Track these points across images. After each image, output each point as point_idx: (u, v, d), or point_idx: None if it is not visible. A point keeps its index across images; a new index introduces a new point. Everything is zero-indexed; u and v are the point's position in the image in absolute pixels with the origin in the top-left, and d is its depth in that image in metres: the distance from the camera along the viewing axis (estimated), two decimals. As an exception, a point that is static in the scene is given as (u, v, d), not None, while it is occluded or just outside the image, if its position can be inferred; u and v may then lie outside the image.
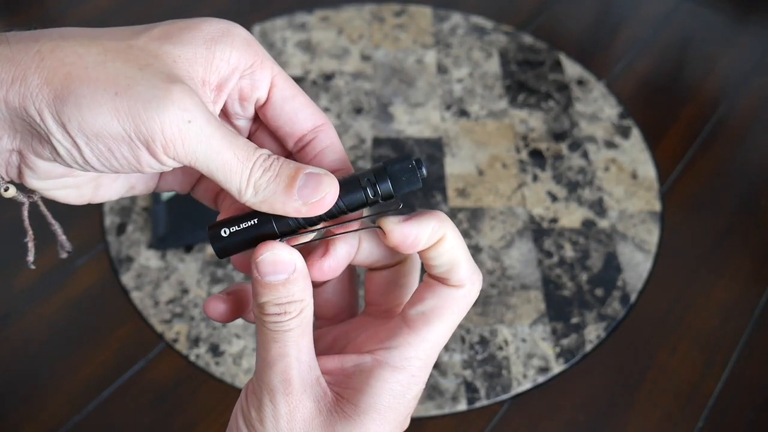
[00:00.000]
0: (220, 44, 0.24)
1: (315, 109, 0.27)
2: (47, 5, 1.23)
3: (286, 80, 0.26)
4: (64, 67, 0.21)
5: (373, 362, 0.25)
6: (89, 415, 0.74)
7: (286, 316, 0.24)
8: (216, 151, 0.22)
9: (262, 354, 0.24)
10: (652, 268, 0.87)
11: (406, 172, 0.25)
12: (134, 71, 0.21)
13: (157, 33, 0.23)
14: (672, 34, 1.20)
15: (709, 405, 0.76)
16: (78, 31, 0.23)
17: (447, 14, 1.22)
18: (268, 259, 0.24)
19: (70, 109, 0.21)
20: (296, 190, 0.23)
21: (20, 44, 0.21)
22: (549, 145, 1.01)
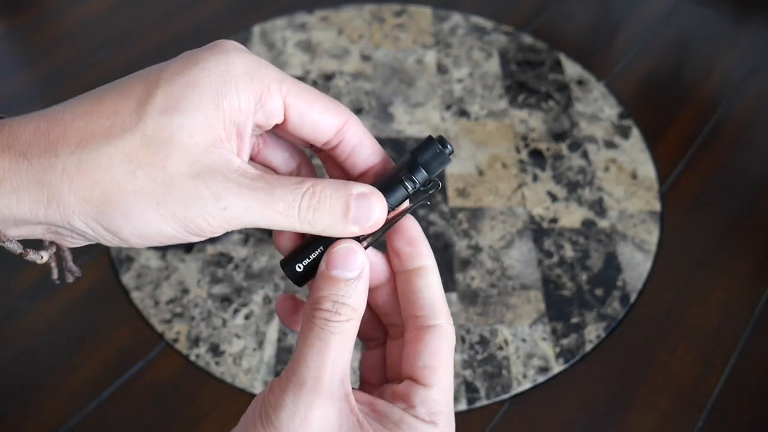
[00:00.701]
0: (226, 97, 0.24)
1: (335, 110, 0.27)
2: (47, 5, 1.23)
3: (298, 94, 0.26)
4: (97, 186, 0.22)
5: (402, 415, 0.25)
6: (89, 415, 0.74)
7: (336, 316, 0.24)
8: (259, 215, 0.23)
9: (302, 348, 0.24)
10: (652, 268, 0.87)
11: (435, 155, 0.27)
12: (162, 175, 0.22)
13: (161, 104, 0.23)
14: (672, 34, 1.20)
15: (709, 405, 0.76)
16: (89, 126, 0.22)
17: (447, 14, 1.22)
18: (341, 253, 0.25)
19: (119, 221, 0.22)
20: (351, 220, 0.25)
21: (41, 160, 0.22)
22: (549, 145, 1.01)
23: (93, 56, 1.13)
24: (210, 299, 0.83)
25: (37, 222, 0.22)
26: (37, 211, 0.22)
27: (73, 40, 1.17)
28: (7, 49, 1.17)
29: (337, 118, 0.27)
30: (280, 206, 0.24)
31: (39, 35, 1.18)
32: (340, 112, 0.27)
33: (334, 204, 0.24)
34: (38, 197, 0.22)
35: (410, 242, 0.27)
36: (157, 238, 0.23)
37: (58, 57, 1.13)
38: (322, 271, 0.25)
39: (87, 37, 1.17)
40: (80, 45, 1.15)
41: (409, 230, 0.27)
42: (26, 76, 1.12)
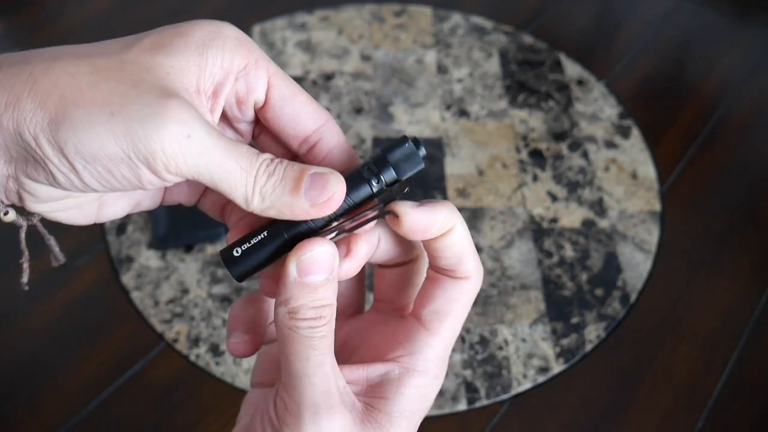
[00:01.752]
0: (211, 48, 0.23)
1: (316, 107, 0.26)
2: (47, 5, 1.23)
3: (284, 79, 0.25)
4: (57, 90, 0.21)
5: (401, 371, 0.24)
6: (89, 415, 0.74)
7: (321, 321, 0.23)
8: (218, 163, 0.22)
9: (297, 365, 0.23)
10: (652, 268, 0.87)
11: (407, 154, 0.25)
12: (128, 88, 0.21)
13: (147, 43, 0.22)
14: (672, 34, 1.20)
15: (709, 405, 0.76)
16: (69, 49, 0.22)
17: (447, 14, 1.22)
18: (313, 258, 0.23)
19: (66, 132, 0.20)
20: (303, 192, 0.23)
21: (12, 68, 0.21)
22: (549, 145, 1.01)
23: (93, 56, 1.13)
24: (210, 299, 0.83)
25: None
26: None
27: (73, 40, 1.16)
28: (7, 49, 1.17)
29: (319, 115, 0.26)
30: (243, 161, 0.22)
31: (39, 35, 1.18)
32: (323, 112, 0.26)
33: (288, 175, 0.23)
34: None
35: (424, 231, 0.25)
36: (103, 161, 0.21)
37: (58, 57, 1.13)
38: (293, 280, 0.23)
39: (87, 37, 1.17)
40: (80, 45, 1.15)
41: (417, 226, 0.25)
42: (26, 76, 1.12)
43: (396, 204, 0.25)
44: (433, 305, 0.25)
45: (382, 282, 0.28)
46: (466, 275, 0.25)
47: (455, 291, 0.25)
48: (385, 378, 0.24)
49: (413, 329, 0.25)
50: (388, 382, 0.24)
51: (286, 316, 0.23)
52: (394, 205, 0.25)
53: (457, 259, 0.25)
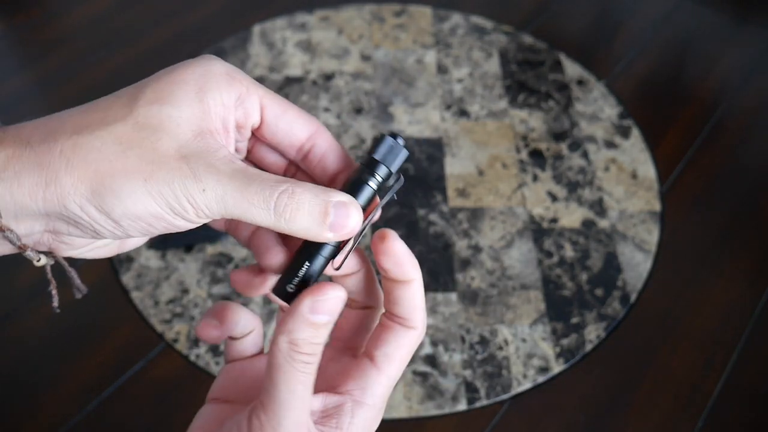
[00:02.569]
0: (209, 92, 0.26)
1: (306, 117, 0.28)
2: (47, 5, 1.23)
3: (273, 98, 0.28)
4: (90, 165, 0.24)
5: (353, 404, 0.27)
6: (89, 415, 0.74)
7: (314, 357, 0.25)
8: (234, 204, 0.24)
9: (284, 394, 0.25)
10: (652, 268, 0.87)
11: (390, 147, 0.28)
12: (150, 154, 0.24)
13: (151, 96, 0.25)
14: (672, 34, 1.20)
15: (709, 405, 0.76)
16: (86, 117, 0.25)
17: (447, 14, 1.22)
18: (330, 303, 0.25)
19: (111, 200, 0.24)
20: (328, 225, 0.25)
21: (43, 145, 0.23)
22: (549, 145, 1.01)
23: (93, 56, 1.13)
24: (210, 299, 0.83)
25: (37, 212, 0.24)
26: (36, 195, 0.23)
27: (73, 40, 1.17)
28: (7, 49, 1.17)
29: (310, 124, 0.28)
30: (256, 199, 0.24)
31: (39, 35, 1.18)
32: (313, 120, 0.29)
33: (313, 208, 0.25)
34: (38, 179, 0.23)
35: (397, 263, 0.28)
36: (147, 219, 0.24)
37: (58, 57, 1.13)
38: (304, 316, 0.25)
39: (87, 37, 1.17)
40: (80, 45, 1.15)
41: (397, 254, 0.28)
42: (26, 76, 1.12)
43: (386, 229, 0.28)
44: (384, 348, 0.28)
45: (345, 323, 0.32)
46: (414, 325, 0.28)
47: (404, 338, 0.28)
48: (339, 408, 0.27)
49: (366, 367, 0.28)
50: (342, 413, 0.27)
51: (286, 345, 0.25)
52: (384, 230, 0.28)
53: (411, 309, 0.28)
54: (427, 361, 0.78)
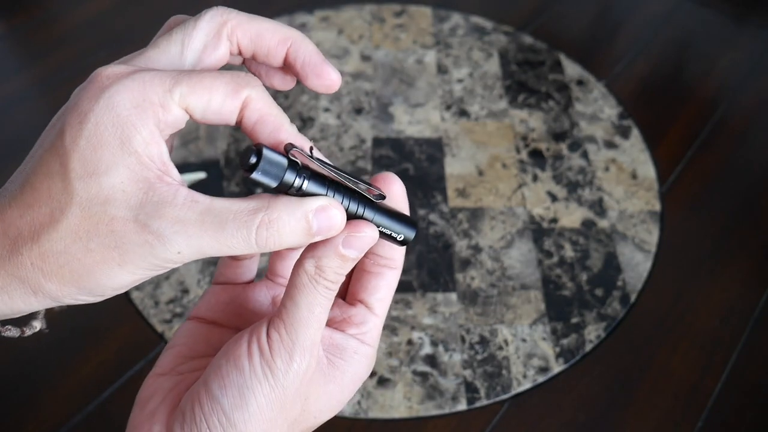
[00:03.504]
0: (131, 141, 0.24)
1: (234, 90, 0.26)
2: (47, 5, 1.23)
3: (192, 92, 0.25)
4: (64, 269, 0.24)
5: (357, 343, 0.29)
6: (89, 415, 0.74)
7: (335, 285, 0.27)
8: (215, 250, 0.25)
9: (304, 313, 0.26)
10: (652, 268, 0.87)
11: (268, 161, 0.26)
12: (112, 239, 0.24)
13: (80, 171, 0.24)
14: (672, 34, 1.20)
15: (709, 405, 0.76)
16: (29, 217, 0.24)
17: (447, 14, 1.22)
18: (361, 238, 0.27)
19: (98, 288, 0.25)
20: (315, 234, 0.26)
21: (12, 261, 0.24)
22: (549, 145, 1.01)
23: (93, 56, 1.13)
24: (210, 299, 0.83)
25: (35, 307, 0.25)
26: (29, 301, 0.24)
27: (73, 40, 1.17)
28: (7, 49, 1.17)
29: (237, 99, 0.26)
30: (234, 241, 0.24)
31: (39, 35, 1.18)
32: (239, 88, 0.26)
33: (294, 227, 0.25)
34: (24, 290, 0.24)
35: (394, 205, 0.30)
36: (135, 284, 0.25)
37: (58, 57, 1.13)
38: (336, 246, 0.26)
39: (87, 37, 1.17)
40: (80, 45, 1.15)
41: (395, 197, 0.29)
42: (26, 76, 1.12)
43: (387, 173, 0.30)
44: (378, 294, 0.30)
45: None
46: (397, 265, 0.30)
47: (392, 280, 0.30)
48: (344, 344, 0.29)
49: (365, 314, 0.30)
50: (345, 348, 0.29)
51: (313, 269, 0.26)
52: (385, 173, 0.29)
53: (395, 249, 0.30)
54: (427, 361, 0.78)
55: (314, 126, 1.02)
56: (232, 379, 0.26)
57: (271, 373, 0.26)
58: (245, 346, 0.27)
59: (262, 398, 0.26)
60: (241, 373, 0.26)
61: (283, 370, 0.26)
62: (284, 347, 0.26)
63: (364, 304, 0.30)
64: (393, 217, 0.29)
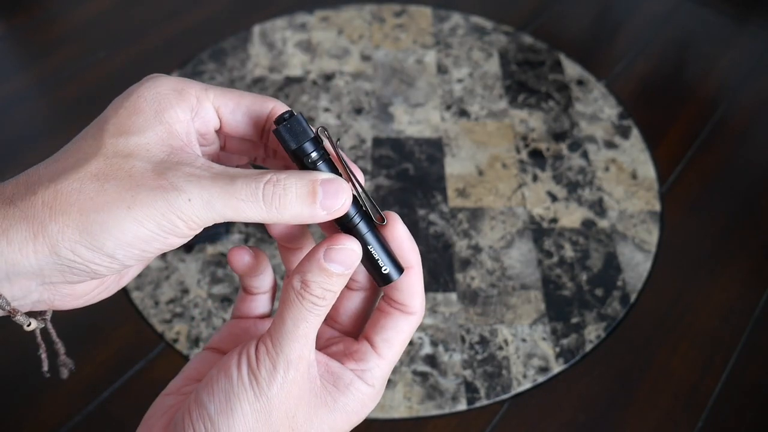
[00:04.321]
0: (165, 112, 0.26)
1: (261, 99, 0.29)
2: (47, 5, 1.23)
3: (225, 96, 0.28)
4: (73, 206, 0.24)
5: (354, 377, 0.29)
6: (89, 415, 0.74)
7: (322, 302, 0.27)
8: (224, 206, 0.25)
9: (289, 326, 0.27)
10: (652, 268, 0.87)
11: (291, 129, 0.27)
12: (128, 182, 0.24)
13: (114, 129, 0.26)
14: (672, 34, 1.20)
15: (709, 405, 0.76)
16: (59, 166, 0.25)
17: (447, 14, 1.22)
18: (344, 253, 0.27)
19: (100, 236, 0.24)
20: (319, 204, 0.26)
21: (24, 201, 0.24)
22: (549, 145, 1.01)
23: (93, 56, 1.13)
24: (210, 299, 0.83)
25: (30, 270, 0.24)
26: (27, 250, 0.24)
27: (73, 40, 1.17)
28: (7, 49, 1.17)
29: (265, 104, 0.29)
30: (243, 194, 0.25)
31: (39, 35, 1.18)
32: (267, 100, 0.29)
33: (300, 191, 0.26)
34: (25, 234, 0.24)
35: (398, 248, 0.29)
36: (139, 245, 0.25)
37: (58, 57, 1.13)
38: (318, 260, 0.27)
39: (87, 37, 1.17)
40: (80, 45, 1.15)
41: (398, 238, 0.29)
42: (26, 76, 1.12)
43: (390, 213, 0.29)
44: (384, 334, 0.30)
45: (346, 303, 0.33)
46: (414, 311, 0.30)
47: (404, 324, 0.30)
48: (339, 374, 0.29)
49: (366, 351, 0.30)
50: (341, 376, 0.29)
51: (298, 284, 0.27)
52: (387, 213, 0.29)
53: (411, 295, 0.29)
54: (427, 361, 0.78)
55: (314, 126, 1.02)
56: (221, 387, 0.27)
57: (256, 382, 0.26)
58: (235, 358, 0.27)
59: (246, 406, 0.26)
60: (229, 380, 0.27)
61: (267, 380, 0.26)
62: (269, 358, 0.27)
63: (369, 341, 0.30)
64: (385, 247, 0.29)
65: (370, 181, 0.95)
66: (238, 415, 0.26)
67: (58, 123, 1.04)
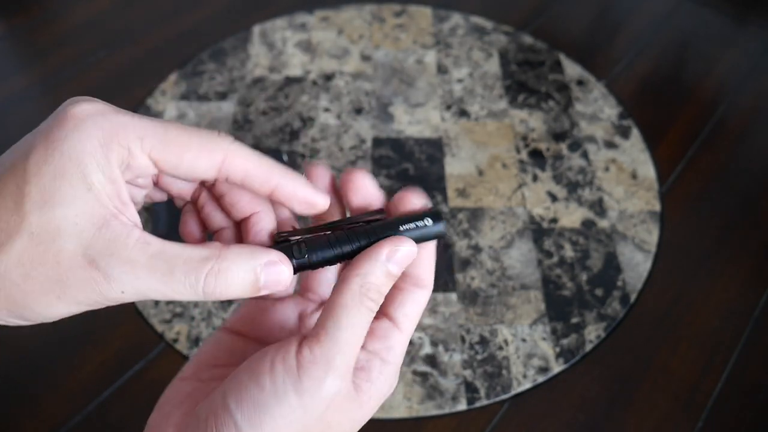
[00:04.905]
0: (92, 176, 0.24)
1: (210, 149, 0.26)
2: (47, 5, 1.23)
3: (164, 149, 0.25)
4: (1, 291, 0.23)
5: (382, 363, 0.28)
6: (89, 415, 0.74)
7: (376, 305, 0.26)
8: (160, 294, 0.24)
9: (347, 334, 0.26)
10: (652, 268, 0.87)
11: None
12: (57, 271, 0.23)
13: (37, 198, 0.23)
14: (672, 34, 1.20)
15: (709, 405, 0.76)
16: None
17: (447, 14, 1.22)
18: (406, 253, 0.27)
19: (30, 314, 0.24)
20: (261, 289, 0.25)
21: None
22: (549, 145, 1.01)
23: (93, 56, 1.13)
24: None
25: None
26: None
27: (73, 40, 1.17)
28: (7, 49, 1.17)
29: (213, 155, 0.26)
30: (180, 288, 0.24)
31: (39, 35, 1.18)
32: (215, 150, 0.26)
33: (243, 279, 0.25)
34: None
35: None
36: (74, 314, 0.24)
37: (58, 57, 1.13)
38: (382, 262, 0.26)
39: (87, 37, 1.17)
40: (80, 45, 1.15)
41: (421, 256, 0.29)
42: (26, 76, 1.12)
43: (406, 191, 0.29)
44: (404, 309, 0.29)
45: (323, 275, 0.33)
46: (427, 284, 0.30)
47: (421, 297, 0.29)
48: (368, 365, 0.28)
49: (389, 328, 0.29)
50: (371, 369, 0.28)
51: (358, 288, 0.26)
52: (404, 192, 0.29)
53: (425, 269, 0.29)
54: (427, 361, 0.78)
55: (314, 126, 1.02)
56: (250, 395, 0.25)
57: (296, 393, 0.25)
58: (268, 364, 0.26)
59: (280, 420, 0.25)
60: (261, 389, 0.25)
61: (311, 392, 0.25)
62: (317, 367, 0.25)
63: (389, 317, 0.29)
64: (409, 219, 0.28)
65: (370, 181, 0.95)
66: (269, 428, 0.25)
67: (58, 123, 1.04)
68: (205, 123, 1.02)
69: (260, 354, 0.26)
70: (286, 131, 1.02)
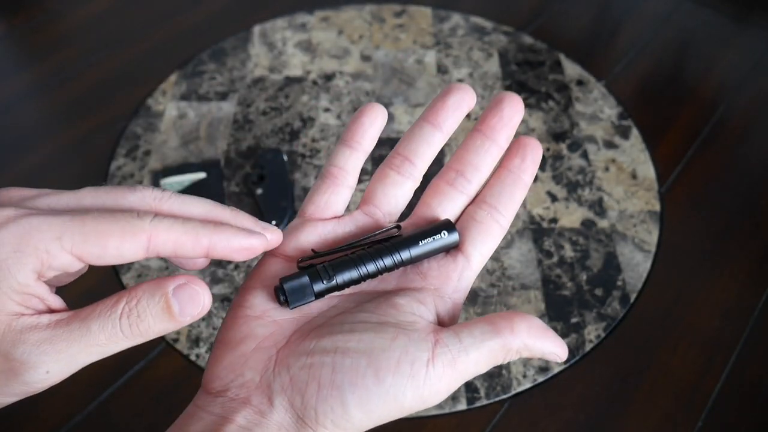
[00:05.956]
0: (3, 282, 0.23)
1: (132, 235, 0.25)
2: (47, 5, 1.23)
3: (85, 242, 0.24)
4: None
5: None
6: (89, 415, 0.74)
7: None
8: (88, 358, 0.24)
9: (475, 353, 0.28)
10: (652, 268, 0.87)
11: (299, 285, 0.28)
12: None
13: None
14: (672, 34, 1.20)
15: (709, 405, 0.76)
16: None
17: (447, 14, 1.22)
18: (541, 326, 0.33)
19: None
20: (179, 316, 0.25)
21: None
22: (549, 145, 1.01)
23: (93, 56, 1.13)
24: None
25: None
26: None
27: (73, 40, 1.17)
28: (8, 49, 1.17)
29: (136, 241, 0.25)
30: (102, 338, 0.24)
31: (39, 35, 1.18)
32: (139, 233, 0.25)
33: (155, 311, 0.24)
34: None
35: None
36: (7, 404, 0.24)
37: (58, 57, 1.13)
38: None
39: (87, 37, 1.17)
40: (80, 45, 1.15)
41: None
42: (26, 76, 1.12)
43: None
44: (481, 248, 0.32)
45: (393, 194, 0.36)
46: (506, 224, 0.33)
47: (498, 237, 0.33)
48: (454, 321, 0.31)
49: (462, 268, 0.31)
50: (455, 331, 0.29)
51: None
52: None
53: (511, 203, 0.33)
54: (427, 361, 0.78)
55: (314, 126, 1.02)
56: (367, 385, 0.24)
57: (414, 396, 0.25)
58: (394, 364, 0.25)
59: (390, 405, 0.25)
60: (380, 384, 0.24)
61: (430, 400, 0.26)
62: (442, 384, 0.26)
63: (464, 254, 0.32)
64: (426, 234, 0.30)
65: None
66: (375, 416, 0.24)
67: (58, 123, 1.04)
68: (206, 123, 1.02)
69: (384, 343, 0.25)
70: (286, 131, 1.02)
